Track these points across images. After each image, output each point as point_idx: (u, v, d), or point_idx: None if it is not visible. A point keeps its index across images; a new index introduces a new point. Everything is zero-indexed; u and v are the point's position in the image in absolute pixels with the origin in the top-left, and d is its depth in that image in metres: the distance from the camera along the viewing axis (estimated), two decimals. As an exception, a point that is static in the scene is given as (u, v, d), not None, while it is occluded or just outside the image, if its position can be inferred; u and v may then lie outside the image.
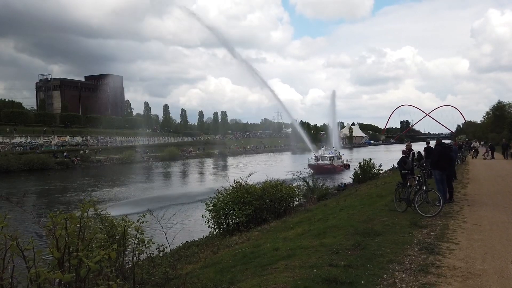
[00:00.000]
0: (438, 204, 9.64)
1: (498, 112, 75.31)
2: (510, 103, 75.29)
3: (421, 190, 9.30)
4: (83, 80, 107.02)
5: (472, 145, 37.19)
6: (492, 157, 32.79)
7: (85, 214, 5.10)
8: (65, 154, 59.05)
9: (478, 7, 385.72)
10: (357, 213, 10.63)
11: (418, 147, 23.29)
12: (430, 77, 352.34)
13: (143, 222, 7.93)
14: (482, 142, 63.26)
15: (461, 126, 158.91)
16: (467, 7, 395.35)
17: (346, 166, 51.53)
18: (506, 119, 66.86)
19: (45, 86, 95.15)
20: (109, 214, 7.72)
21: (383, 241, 6.69)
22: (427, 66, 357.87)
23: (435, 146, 10.84)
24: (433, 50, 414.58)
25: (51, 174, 46.42)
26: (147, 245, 8.14)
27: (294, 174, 22.20)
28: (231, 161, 71.82)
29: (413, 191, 9.80)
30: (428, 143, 19.78)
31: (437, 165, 10.18)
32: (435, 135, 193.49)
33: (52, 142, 64.53)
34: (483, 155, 34.37)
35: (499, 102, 77.24)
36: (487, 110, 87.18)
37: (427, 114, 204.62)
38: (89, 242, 5.13)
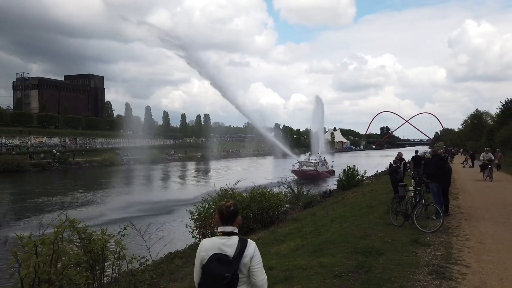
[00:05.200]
0: (435, 218, 9.30)
1: (476, 120, 76.97)
2: (487, 112, 77.07)
3: (420, 204, 8.90)
4: (63, 79, 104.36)
5: (488, 159, 21.33)
6: (472, 166, 33.00)
7: (60, 237, 4.45)
8: (42, 155, 57.12)
9: (456, 18, 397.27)
10: (351, 226, 10.18)
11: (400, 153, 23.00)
12: (409, 85, 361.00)
13: (124, 235, 7.24)
14: (461, 150, 64.43)
15: (439, 133, 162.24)
16: (446, 18, 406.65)
17: (331, 172, 50.87)
18: (483, 128, 68.32)
19: (22, 85, 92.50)
20: (86, 227, 7.02)
21: (387, 262, 6.22)
22: (406, 74, 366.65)
23: (432, 157, 10.52)
24: (412, 59, 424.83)
25: (27, 177, 44.71)
26: (128, 262, 7.45)
27: (279, 182, 21.66)
28: (213, 165, 70.95)
29: (409, 204, 9.41)
30: (416, 152, 19.64)
31: (434, 178, 9.83)
32: (414, 141, 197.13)
33: (29, 143, 62.44)
34: (462, 163, 34.59)
35: (477, 110, 79.00)
36: (464, 118, 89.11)
37: (406, 121, 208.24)
38: (63, 270, 4.48)
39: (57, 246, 4.23)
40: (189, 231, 12.72)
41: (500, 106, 59.99)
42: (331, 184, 36.78)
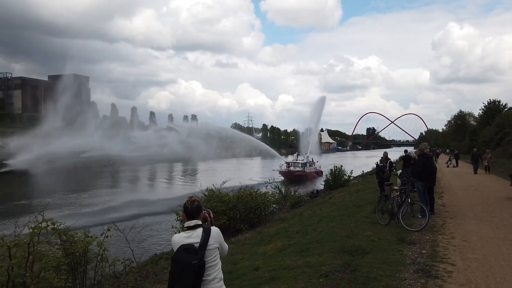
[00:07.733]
0: (420, 217, 9.33)
1: (460, 121, 78.21)
2: (470, 113, 78.35)
3: (406, 203, 8.91)
4: (47, 79, 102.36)
5: None
6: (456, 165, 33.42)
7: (36, 239, 4.26)
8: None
9: (439, 21, 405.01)
10: (337, 225, 10.15)
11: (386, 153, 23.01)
12: (394, 86, 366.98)
13: (107, 237, 7.05)
14: (446, 150, 65.34)
15: (424, 134, 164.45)
16: (429, 21, 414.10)
17: (319, 173, 50.64)
18: (467, 128, 69.48)
19: (5, 85, 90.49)
20: (68, 228, 6.81)
21: (373, 261, 6.18)
22: (391, 75, 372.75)
23: (419, 157, 10.57)
24: (397, 61, 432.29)
25: (7, 178, 43.74)
26: (111, 264, 7.24)
27: (266, 182, 21.61)
28: (200, 166, 70.57)
29: (395, 203, 9.41)
30: (405, 151, 19.79)
31: (421, 177, 9.88)
32: (400, 142, 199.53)
33: (11, 143, 61.09)
34: (446, 163, 35.02)
35: (461, 111, 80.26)
36: (447, 119, 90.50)
37: (392, 122, 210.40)
38: (39, 273, 4.30)
39: (33, 248, 4.04)
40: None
41: (483, 107, 61.11)
42: (319, 184, 36.89)
